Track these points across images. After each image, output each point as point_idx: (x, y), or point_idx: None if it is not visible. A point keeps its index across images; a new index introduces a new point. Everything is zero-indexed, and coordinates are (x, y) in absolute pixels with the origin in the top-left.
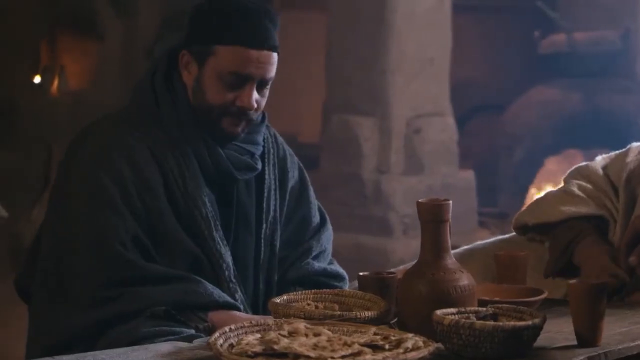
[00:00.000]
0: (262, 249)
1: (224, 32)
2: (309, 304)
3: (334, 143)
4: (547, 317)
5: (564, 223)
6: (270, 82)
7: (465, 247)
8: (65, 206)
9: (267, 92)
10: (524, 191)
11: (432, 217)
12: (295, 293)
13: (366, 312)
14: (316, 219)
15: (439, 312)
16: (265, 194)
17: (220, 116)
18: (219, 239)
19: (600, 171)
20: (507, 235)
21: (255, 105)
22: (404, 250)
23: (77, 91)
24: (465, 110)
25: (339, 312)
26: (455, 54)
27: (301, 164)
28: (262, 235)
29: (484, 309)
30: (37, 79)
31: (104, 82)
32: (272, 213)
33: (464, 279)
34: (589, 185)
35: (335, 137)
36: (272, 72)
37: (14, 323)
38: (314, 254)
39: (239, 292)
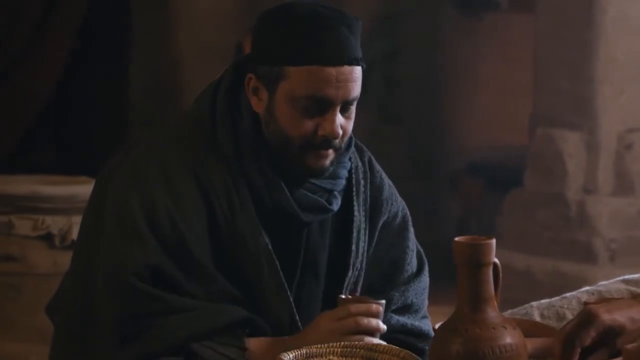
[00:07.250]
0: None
1: (294, 50)
2: (330, 359)
3: (538, 159)
4: None
5: None
6: (355, 102)
7: (588, 287)
8: (96, 232)
9: (353, 113)
10: None
11: (468, 259)
12: (321, 345)
13: None
14: (411, 267)
15: None
16: (354, 235)
17: (302, 151)
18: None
19: None
20: (635, 275)
21: (341, 132)
22: (607, 280)
23: None
24: None
25: None
26: None
27: (404, 202)
28: (346, 283)
29: None
30: None
31: None
32: (360, 257)
33: (507, 337)
34: None
35: (539, 152)
36: (357, 90)
37: None
38: (394, 307)
39: None
